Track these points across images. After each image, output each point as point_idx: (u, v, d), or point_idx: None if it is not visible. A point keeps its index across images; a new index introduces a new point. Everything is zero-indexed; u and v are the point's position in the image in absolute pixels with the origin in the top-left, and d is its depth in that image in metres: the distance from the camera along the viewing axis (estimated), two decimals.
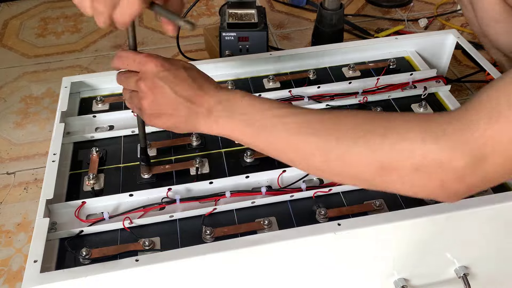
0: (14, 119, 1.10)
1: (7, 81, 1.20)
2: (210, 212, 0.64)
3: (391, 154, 0.45)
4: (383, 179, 0.47)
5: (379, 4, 1.44)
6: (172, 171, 0.70)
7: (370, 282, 0.67)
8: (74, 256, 0.59)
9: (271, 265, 0.60)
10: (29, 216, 0.89)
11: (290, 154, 0.51)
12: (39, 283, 0.53)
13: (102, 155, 0.73)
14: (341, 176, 0.51)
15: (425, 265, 0.67)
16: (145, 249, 0.59)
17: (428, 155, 0.44)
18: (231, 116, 0.53)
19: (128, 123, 0.78)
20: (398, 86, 0.84)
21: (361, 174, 0.48)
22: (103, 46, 1.32)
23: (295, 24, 1.39)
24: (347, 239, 0.59)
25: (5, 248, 0.84)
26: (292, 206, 0.66)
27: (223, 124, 0.53)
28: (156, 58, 0.55)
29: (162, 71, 0.54)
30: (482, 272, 0.69)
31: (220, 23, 1.10)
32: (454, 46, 0.92)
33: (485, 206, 0.60)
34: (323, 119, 0.50)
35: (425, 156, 0.44)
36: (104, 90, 0.85)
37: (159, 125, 0.57)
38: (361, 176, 0.48)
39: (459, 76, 1.17)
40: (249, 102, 0.53)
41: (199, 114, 0.54)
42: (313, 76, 0.87)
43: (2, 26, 1.40)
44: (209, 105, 0.53)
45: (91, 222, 0.63)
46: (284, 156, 0.52)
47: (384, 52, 0.93)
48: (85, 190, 0.68)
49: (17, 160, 1.00)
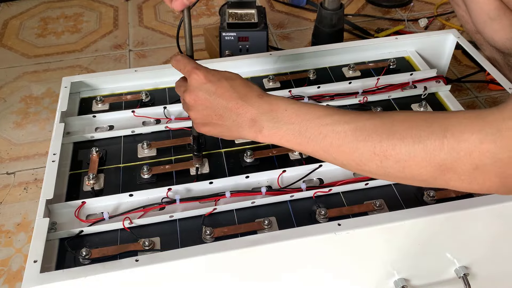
0: (14, 119, 1.10)
1: (7, 81, 1.20)
2: (210, 212, 0.64)
3: (449, 155, 0.46)
4: (442, 179, 0.48)
5: (379, 4, 1.44)
6: (172, 171, 0.70)
7: (370, 282, 0.67)
8: (74, 256, 0.59)
9: (271, 265, 0.60)
10: (29, 216, 0.89)
11: (343, 160, 0.52)
12: (39, 283, 0.53)
13: (102, 155, 0.73)
14: (398, 178, 0.51)
15: (425, 265, 0.67)
16: (145, 249, 0.59)
17: (486, 154, 0.45)
18: (277, 126, 0.54)
19: (128, 123, 0.78)
20: (398, 86, 0.84)
21: (420, 175, 0.49)
22: (103, 46, 1.32)
23: (295, 24, 1.39)
24: (347, 239, 0.59)
25: (5, 248, 0.84)
26: (292, 206, 0.66)
27: (269, 134, 0.54)
28: (200, 70, 0.57)
29: (204, 83, 0.56)
30: (482, 272, 0.69)
31: (220, 23, 1.10)
32: (454, 46, 0.92)
33: (485, 206, 0.60)
34: (376, 124, 0.50)
35: (483, 156, 0.45)
36: (104, 90, 0.85)
37: (207, 133, 0.59)
38: (420, 177, 0.49)
39: (459, 76, 1.17)
40: (294, 111, 0.54)
41: (243, 123, 0.55)
42: (313, 76, 0.87)
43: (2, 26, 1.40)
44: (252, 115, 0.55)
45: (91, 222, 0.63)
46: (336, 162, 0.53)
47: (384, 52, 0.93)
48: (85, 190, 0.68)
49: (17, 160, 1.00)
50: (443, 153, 0.47)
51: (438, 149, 0.47)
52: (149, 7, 1.48)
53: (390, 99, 0.83)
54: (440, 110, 0.81)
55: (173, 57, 0.62)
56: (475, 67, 1.18)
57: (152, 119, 0.79)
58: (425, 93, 0.82)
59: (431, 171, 0.48)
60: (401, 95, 0.83)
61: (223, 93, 0.55)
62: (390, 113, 0.52)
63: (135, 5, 1.49)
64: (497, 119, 0.45)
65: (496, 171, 0.46)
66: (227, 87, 0.56)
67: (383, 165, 0.49)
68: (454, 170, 0.47)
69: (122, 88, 0.85)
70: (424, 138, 0.47)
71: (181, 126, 0.77)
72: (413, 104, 0.81)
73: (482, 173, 0.46)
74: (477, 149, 0.45)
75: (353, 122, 0.51)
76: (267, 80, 0.87)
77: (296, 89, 0.83)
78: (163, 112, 0.79)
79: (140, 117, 0.79)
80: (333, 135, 0.51)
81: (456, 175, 0.47)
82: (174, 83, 0.81)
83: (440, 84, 0.84)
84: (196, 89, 0.57)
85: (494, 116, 0.45)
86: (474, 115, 0.47)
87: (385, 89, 0.83)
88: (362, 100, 0.81)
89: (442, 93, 0.84)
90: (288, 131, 0.53)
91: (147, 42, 1.33)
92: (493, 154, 0.45)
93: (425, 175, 0.49)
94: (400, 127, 0.49)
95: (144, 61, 1.26)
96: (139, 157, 0.73)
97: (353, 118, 0.52)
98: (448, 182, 0.48)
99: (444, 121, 0.48)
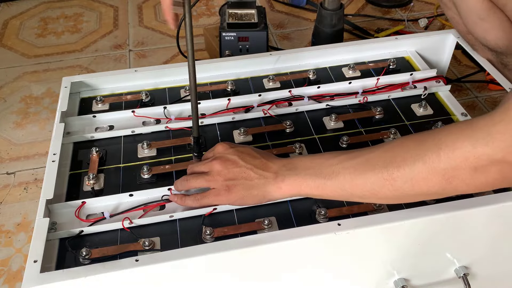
0: (14, 119, 1.10)
1: (7, 81, 1.20)
2: (210, 212, 0.64)
3: (448, 165, 0.50)
4: (450, 187, 0.52)
5: (379, 4, 1.44)
6: (172, 171, 0.70)
7: (370, 282, 0.67)
8: (74, 256, 0.59)
9: (271, 265, 0.60)
10: (29, 216, 0.89)
11: (359, 192, 0.56)
12: (39, 283, 0.53)
13: (102, 155, 0.73)
14: (414, 197, 0.56)
15: (425, 265, 0.67)
16: (145, 249, 0.59)
17: (481, 157, 0.49)
18: (296, 173, 0.59)
19: (128, 123, 0.78)
20: (398, 86, 0.84)
21: (430, 189, 0.53)
22: (103, 46, 1.32)
23: (295, 24, 1.39)
24: (347, 239, 0.59)
25: (5, 248, 0.84)
26: (292, 206, 0.66)
27: (290, 182, 0.59)
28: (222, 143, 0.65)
29: (231, 148, 0.63)
30: (482, 272, 0.69)
31: (220, 23, 1.10)
32: (454, 46, 0.92)
33: (485, 206, 0.60)
34: (379, 154, 0.55)
35: (479, 159, 0.49)
36: (104, 90, 0.85)
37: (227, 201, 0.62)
38: (431, 191, 0.53)
39: (459, 76, 1.17)
40: (309, 159, 0.60)
41: (268, 178, 0.60)
42: (313, 76, 0.87)
43: (2, 26, 1.40)
44: (275, 170, 0.60)
45: (91, 222, 0.63)
46: (354, 197, 0.58)
47: (384, 52, 0.93)
48: (85, 190, 0.68)
49: (17, 160, 1.00)
50: (442, 164, 0.51)
51: (437, 161, 0.51)
52: (149, 7, 1.48)
53: (390, 99, 0.83)
54: (440, 110, 0.81)
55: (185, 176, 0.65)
56: (475, 67, 1.18)
57: (152, 119, 0.79)
58: (425, 93, 0.82)
59: (437, 182, 0.52)
60: (401, 95, 0.83)
61: (247, 156, 0.62)
62: (389, 142, 0.57)
63: (135, 5, 1.49)
64: (487, 124, 0.49)
65: (495, 169, 0.49)
66: (249, 151, 0.63)
67: (395, 188, 0.54)
68: (457, 176, 0.51)
69: (122, 88, 0.85)
70: (422, 155, 0.52)
71: (181, 126, 0.77)
72: (413, 104, 0.81)
73: (482, 173, 0.50)
74: (472, 154, 0.49)
75: (359, 157, 0.56)
76: (267, 80, 0.87)
77: (296, 89, 0.83)
78: (163, 112, 0.79)
79: (140, 117, 0.79)
80: (344, 171, 0.56)
81: (461, 180, 0.51)
82: (174, 84, 0.81)
83: (440, 84, 0.84)
84: (224, 154, 0.63)
85: (484, 122, 0.49)
86: (464, 124, 0.51)
87: (385, 89, 0.83)
88: (362, 100, 0.81)
89: (442, 93, 0.84)
90: (306, 176, 0.58)
91: (147, 42, 1.33)
92: (488, 156, 0.49)
93: (434, 187, 0.52)
94: (399, 151, 0.54)
95: (144, 61, 1.26)
96: (139, 157, 0.73)
97: (358, 153, 0.57)
98: (456, 188, 0.52)
99: (436, 136, 0.52)
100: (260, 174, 0.60)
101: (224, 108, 0.80)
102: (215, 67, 0.87)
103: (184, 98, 0.83)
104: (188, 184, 0.64)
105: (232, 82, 0.85)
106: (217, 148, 0.65)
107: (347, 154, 0.58)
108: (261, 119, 0.79)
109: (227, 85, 0.85)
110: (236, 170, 0.61)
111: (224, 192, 0.61)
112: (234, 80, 0.86)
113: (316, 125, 0.78)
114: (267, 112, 0.79)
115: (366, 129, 0.77)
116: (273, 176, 0.60)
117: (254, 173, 0.60)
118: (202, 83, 0.87)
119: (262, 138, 0.76)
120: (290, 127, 0.77)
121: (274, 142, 0.75)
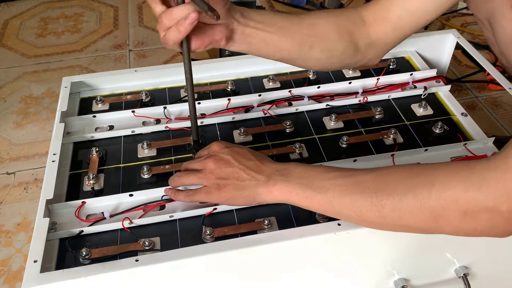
0: (14, 119, 1.10)
1: (7, 81, 1.21)
2: (210, 212, 0.64)
3: (438, 203, 0.49)
4: (436, 226, 0.51)
5: None
6: (172, 171, 0.70)
7: (370, 282, 0.67)
8: (74, 256, 0.59)
9: (271, 265, 0.60)
10: (29, 216, 0.89)
11: (346, 212, 0.55)
12: (39, 283, 0.53)
13: (102, 155, 0.73)
14: (398, 227, 0.54)
15: (425, 265, 0.67)
16: (145, 249, 0.59)
17: (472, 202, 0.47)
18: (288, 180, 0.58)
19: (128, 123, 0.78)
20: (398, 86, 0.84)
21: (415, 223, 0.52)
22: (103, 46, 1.32)
23: None
24: (347, 239, 0.59)
25: (5, 248, 0.84)
26: (292, 206, 0.66)
27: (280, 188, 0.58)
28: (218, 141, 0.65)
29: (226, 147, 0.63)
30: (482, 272, 0.69)
31: None
32: (454, 46, 0.92)
33: None
34: (372, 178, 0.54)
35: (470, 203, 0.48)
36: (104, 90, 0.85)
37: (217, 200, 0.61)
38: (416, 226, 0.52)
39: (459, 76, 1.17)
40: (303, 168, 0.59)
41: (260, 181, 0.59)
42: (313, 76, 0.87)
43: (2, 26, 1.40)
44: (268, 173, 0.60)
45: (91, 222, 0.63)
46: (341, 216, 0.57)
47: None
48: (85, 190, 0.68)
49: (17, 160, 1.00)
50: (432, 201, 0.49)
51: (427, 197, 0.50)
52: (149, 7, 1.48)
53: (390, 99, 0.83)
54: (440, 110, 0.80)
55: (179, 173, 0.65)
56: (475, 67, 1.19)
57: (152, 119, 0.79)
58: (425, 93, 0.82)
59: (423, 219, 0.50)
60: (401, 95, 0.83)
61: (241, 156, 0.61)
62: (386, 167, 0.56)
63: (135, 5, 1.49)
64: (484, 168, 0.48)
65: (484, 217, 0.48)
66: (245, 152, 0.62)
67: (381, 215, 0.52)
68: (445, 217, 0.49)
69: (122, 88, 0.85)
70: (414, 187, 0.51)
71: (181, 126, 0.77)
72: (413, 104, 0.81)
73: (471, 218, 0.48)
74: (463, 197, 0.48)
75: (352, 177, 0.56)
76: (267, 80, 0.87)
77: (296, 89, 0.83)
78: (163, 112, 0.79)
79: (140, 117, 0.79)
80: (335, 188, 0.55)
81: (447, 222, 0.50)
82: (174, 84, 0.81)
83: (440, 84, 0.84)
84: (219, 153, 0.62)
85: (482, 165, 0.48)
86: (461, 164, 0.50)
87: (385, 89, 0.83)
88: (362, 100, 0.82)
89: (442, 93, 0.84)
90: (297, 185, 0.57)
91: (147, 42, 1.33)
92: (479, 201, 0.47)
93: (420, 223, 0.51)
94: (392, 179, 0.53)
95: (144, 61, 1.26)
96: (139, 157, 0.73)
97: (352, 173, 0.56)
98: (442, 229, 0.51)
99: (433, 171, 0.51)
100: (252, 176, 0.60)
101: (224, 108, 0.80)
102: (215, 67, 0.87)
103: (184, 98, 0.83)
104: (180, 180, 0.63)
105: (232, 82, 0.85)
106: (212, 146, 0.64)
107: (341, 172, 0.57)
108: (261, 119, 0.79)
109: (227, 85, 0.85)
110: (228, 170, 0.60)
111: (215, 190, 0.61)
112: (234, 80, 0.86)
113: (316, 125, 0.78)
114: (267, 112, 0.79)
115: (366, 129, 0.77)
116: (265, 179, 0.59)
117: (246, 174, 0.60)
118: (202, 83, 0.87)
119: (262, 138, 0.76)
120: (290, 127, 0.77)
121: (274, 142, 0.75)
